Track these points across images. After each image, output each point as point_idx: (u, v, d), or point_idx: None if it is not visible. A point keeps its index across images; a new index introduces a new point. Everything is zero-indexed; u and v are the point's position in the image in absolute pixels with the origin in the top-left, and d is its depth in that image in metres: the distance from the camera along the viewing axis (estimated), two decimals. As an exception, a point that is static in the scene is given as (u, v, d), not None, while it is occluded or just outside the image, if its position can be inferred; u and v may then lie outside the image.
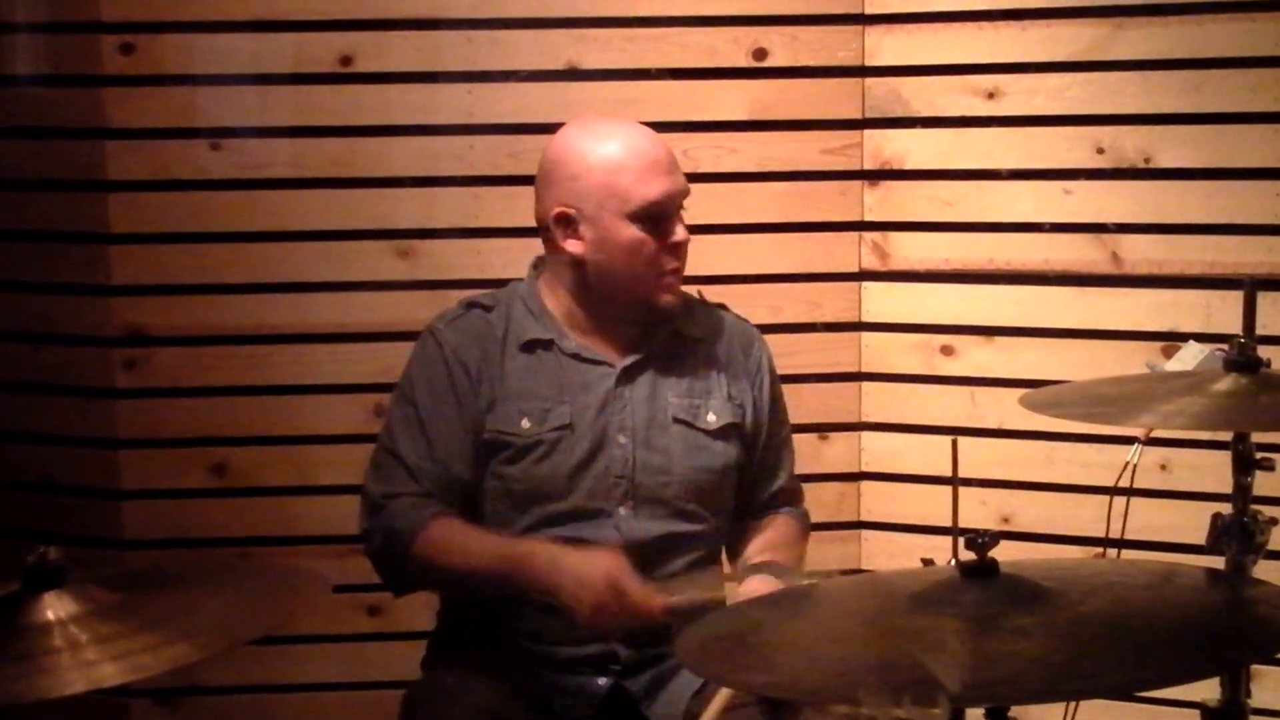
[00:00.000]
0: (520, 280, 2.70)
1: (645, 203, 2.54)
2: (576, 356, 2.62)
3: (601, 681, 2.56)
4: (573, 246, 2.59)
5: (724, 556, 2.76)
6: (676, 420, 2.62)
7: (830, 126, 3.51)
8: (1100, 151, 3.38)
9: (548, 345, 2.62)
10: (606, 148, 2.57)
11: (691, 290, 2.75)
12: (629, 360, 2.62)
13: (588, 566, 2.42)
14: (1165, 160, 3.34)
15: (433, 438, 2.57)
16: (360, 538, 2.63)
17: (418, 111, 3.46)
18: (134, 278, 3.47)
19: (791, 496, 2.80)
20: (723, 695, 2.34)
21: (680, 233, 2.58)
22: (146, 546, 3.50)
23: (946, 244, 3.50)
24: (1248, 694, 2.34)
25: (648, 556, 2.56)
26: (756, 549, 2.68)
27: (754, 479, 2.74)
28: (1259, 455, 2.39)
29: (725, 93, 3.48)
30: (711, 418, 2.65)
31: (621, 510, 2.58)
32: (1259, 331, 2.40)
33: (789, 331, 3.43)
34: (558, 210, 2.59)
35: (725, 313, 2.78)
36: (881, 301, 3.56)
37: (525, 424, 2.57)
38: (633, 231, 2.55)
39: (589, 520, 2.57)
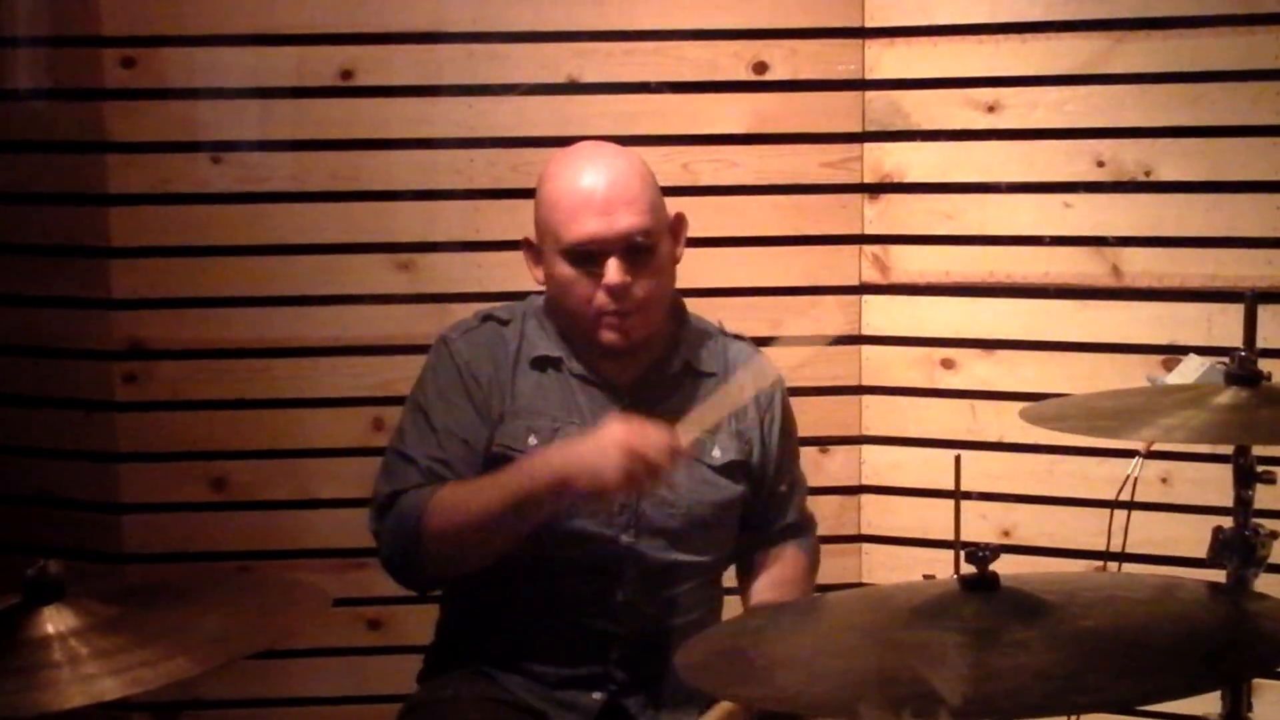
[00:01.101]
0: (539, 294, 2.68)
1: (571, 243, 2.48)
2: (584, 379, 2.59)
3: (596, 696, 2.54)
4: (536, 274, 2.60)
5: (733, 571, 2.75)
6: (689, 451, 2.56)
7: (830, 140, 3.51)
8: (1100, 164, 3.38)
9: (557, 364, 2.60)
10: (555, 182, 2.54)
11: (712, 320, 2.72)
12: (637, 388, 2.59)
13: (598, 435, 2.38)
14: (1165, 173, 3.35)
15: (444, 441, 2.54)
16: (373, 550, 2.59)
17: (418, 125, 3.47)
18: (134, 291, 3.47)
19: (801, 529, 2.77)
20: (721, 709, 2.34)
21: (610, 276, 2.47)
22: (146, 560, 3.50)
23: (947, 257, 3.51)
24: (1249, 708, 2.35)
25: (649, 584, 2.56)
26: (763, 587, 2.66)
27: (763, 513, 2.71)
28: (1260, 468, 2.39)
29: (725, 106, 3.49)
30: (718, 453, 2.62)
31: (624, 538, 2.55)
32: (1260, 345, 2.40)
33: (790, 345, 3.42)
34: (525, 237, 2.60)
35: (744, 345, 2.73)
36: (882, 314, 3.56)
37: (533, 441, 2.54)
38: (566, 269, 2.50)
39: (592, 544, 2.54)
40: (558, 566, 2.53)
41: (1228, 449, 2.42)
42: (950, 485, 2.00)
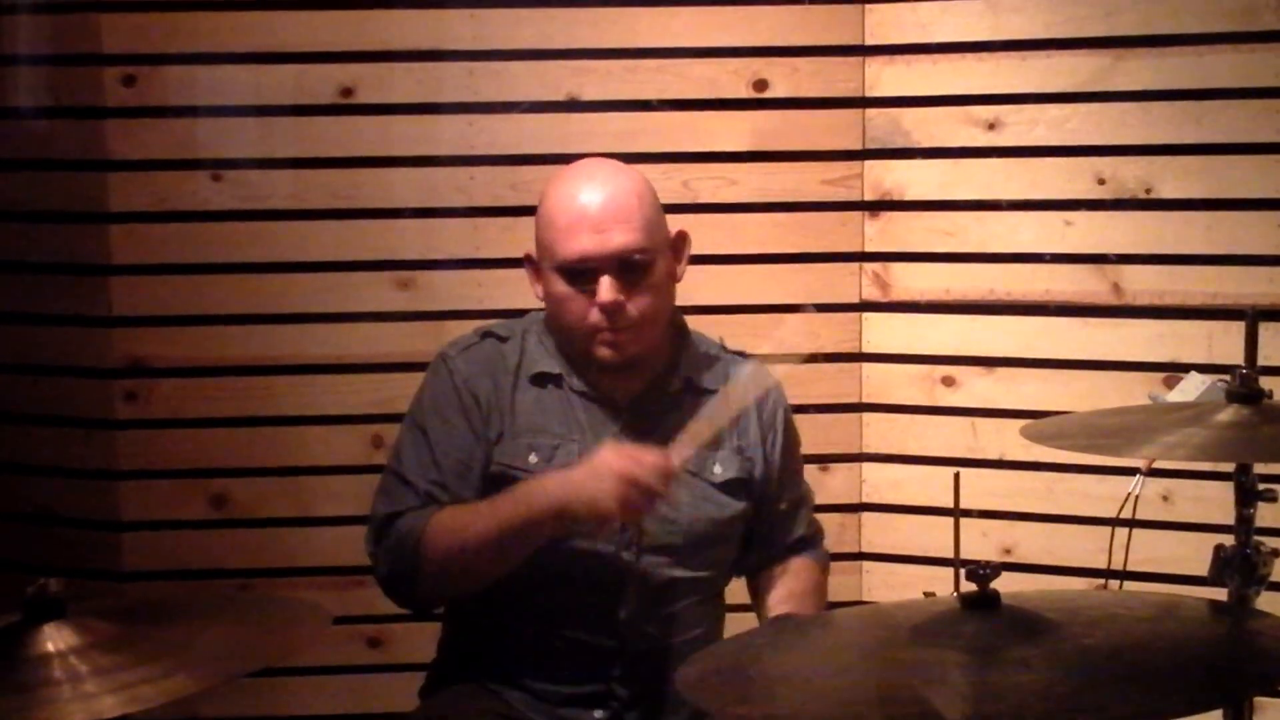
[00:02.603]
0: (539, 310, 2.68)
1: (563, 260, 2.49)
2: (584, 395, 2.59)
3: (598, 714, 2.54)
4: (537, 290, 2.60)
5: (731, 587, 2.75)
6: (685, 470, 2.56)
7: (831, 157, 3.52)
8: (1101, 182, 3.39)
9: (558, 380, 2.60)
10: (552, 199, 2.55)
11: (714, 338, 2.72)
12: (637, 404, 2.59)
13: (593, 460, 2.39)
14: (1166, 191, 3.35)
15: (440, 460, 2.55)
16: (370, 568, 2.59)
17: (418, 143, 3.48)
18: (135, 309, 3.48)
19: (810, 541, 2.78)
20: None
21: (603, 293, 2.47)
22: (147, 578, 3.50)
23: (947, 275, 3.51)
24: (1251, 726, 2.34)
25: (651, 600, 2.55)
26: (779, 599, 2.65)
27: (771, 528, 2.72)
28: (1261, 486, 2.38)
29: (726, 124, 3.50)
30: (719, 470, 2.62)
31: (625, 555, 2.55)
32: (1261, 362, 2.39)
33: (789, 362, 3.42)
34: (526, 253, 2.61)
35: (745, 361, 2.72)
36: (882, 332, 3.57)
37: (533, 459, 2.54)
38: (561, 286, 2.51)
39: (593, 561, 2.54)
40: (559, 583, 2.52)
41: (1229, 467, 2.42)
42: (951, 503, 2.00)
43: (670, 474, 2.37)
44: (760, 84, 3.48)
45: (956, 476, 1.98)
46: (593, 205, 2.50)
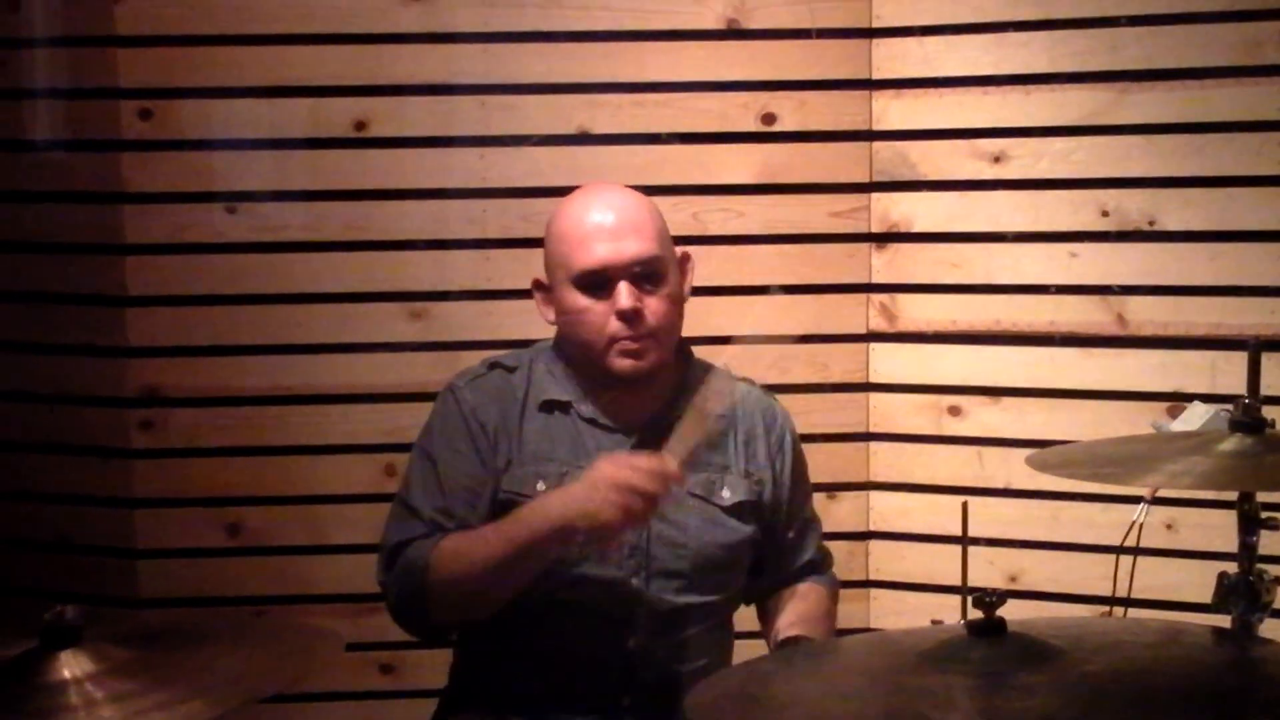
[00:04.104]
0: (547, 340, 2.70)
1: (581, 270, 2.52)
2: (592, 422, 2.60)
3: (608, 738, 2.56)
4: (548, 315, 2.62)
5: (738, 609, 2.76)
6: (693, 494, 2.59)
7: (838, 190, 3.54)
8: (1105, 214, 3.40)
9: (565, 408, 2.61)
10: (563, 217, 2.58)
11: (719, 364, 2.72)
12: (644, 430, 2.59)
13: (589, 474, 2.40)
14: (1170, 223, 3.37)
15: (449, 491, 2.56)
16: (380, 595, 2.61)
17: (431, 175, 3.49)
18: (150, 339, 3.50)
19: (818, 565, 2.79)
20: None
21: (621, 300, 2.50)
22: (162, 605, 3.51)
23: (953, 305, 3.53)
24: (1254, 752, 2.35)
25: (660, 626, 2.57)
26: (789, 622, 2.65)
27: (780, 553, 2.73)
28: (1264, 514, 2.39)
29: (734, 156, 3.51)
30: (727, 494, 2.63)
31: (634, 581, 2.56)
32: (1264, 392, 2.41)
33: (797, 392, 3.44)
34: (534, 279, 2.63)
35: (750, 387, 2.75)
36: (889, 362, 3.58)
37: (541, 486, 2.55)
38: (577, 299, 2.53)
39: (602, 588, 2.55)
40: (569, 610, 2.54)
41: (1232, 495, 2.43)
42: (958, 531, 2.02)
43: (668, 475, 2.38)
44: (769, 117, 3.50)
45: (965, 505, 2.00)
46: (607, 217, 2.54)
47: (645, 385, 2.59)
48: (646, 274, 2.54)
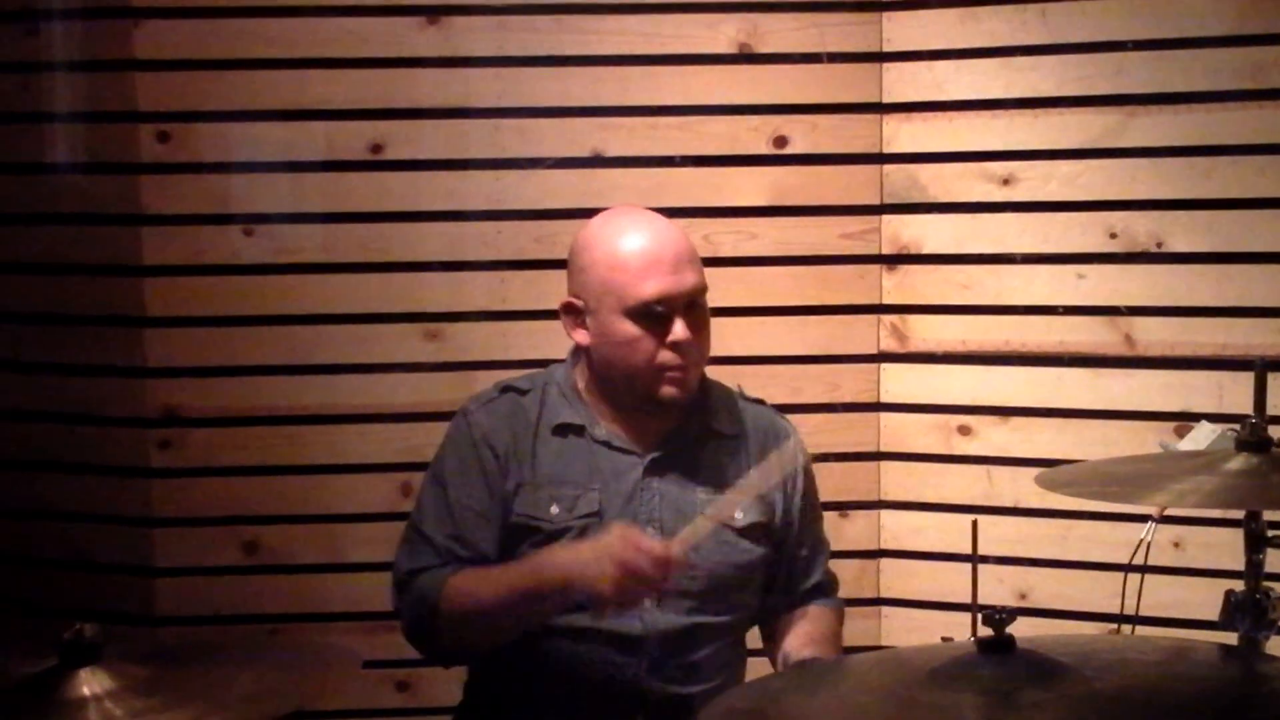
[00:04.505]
0: (559, 362, 2.71)
1: (639, 302, 2.51)
2: (607, 444, 2.61)
3: (623, 754, 2.56)
4: (579, 336, 2.61)
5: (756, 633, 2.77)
6: (705, 516, 2.60)
7: (849, 212, 3.55)
8: (1113, 236, 3.42)
9: (579, 431, 2.62)
10: (613, 243, 2.56)
11: (731, 385, 2.74)
12: (658, 451, 2.61)
13: (599, 540, 2.42)
14: (1177, 244, 3.38)
15: (459, 517, 2.58)
16: (395, 614, 2.64)
17: (446, 197, 3.51)
18: (169, 360, 3.51)
19: (826, 588, 2.79)
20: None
21: (678, 332, 2.51)
22: (180, 623, 3.52)
23: (963, 326, 3.54)
24: (1261, 769, 2.36)
25: (672, 647, 2.58)
26: (797, 644, 2.65)
27: (789, 574, 2.73)
28: (1270, 533, 2.40)
29: (746, 179, 3.53)
30: (739, 515, 2.63)
31: (646, 601, 2.56)
32: (1270, 412, 2.42)
33: (809, 412, 3.45)
34: (566, 300, 2.61)
35: (763, 409, 2.76)
36: (900, 382, 3.59)
37: (554, 510, 2.57)
38: (629, 328, 2.53)
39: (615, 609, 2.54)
40: (582, 631, 2.55)
41: (1239, 514, 2.45)
42: (968, 549, 2.03)
43: (670, 565, 2.39)
44: (780, 140, 3.51)
45: (975, 524, 2.01)
46: (665, 248, 2.55)
47: (659, 412, 2.61)
48: (697, 305, 2.57)
